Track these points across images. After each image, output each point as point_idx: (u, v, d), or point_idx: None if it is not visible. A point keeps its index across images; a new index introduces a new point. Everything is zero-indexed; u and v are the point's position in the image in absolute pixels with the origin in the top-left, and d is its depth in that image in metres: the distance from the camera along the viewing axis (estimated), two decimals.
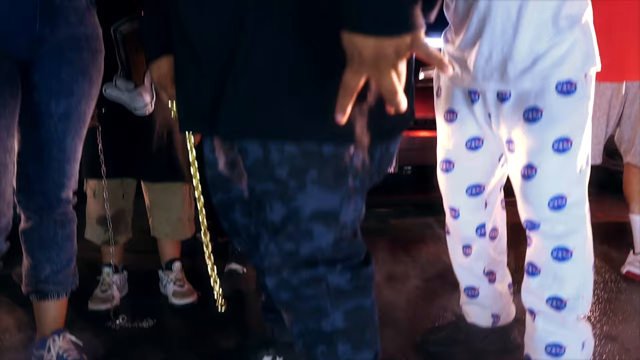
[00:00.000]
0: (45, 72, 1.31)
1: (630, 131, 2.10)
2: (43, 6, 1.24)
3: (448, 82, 1.39)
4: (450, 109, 1.39)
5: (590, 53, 1.25)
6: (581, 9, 1.26)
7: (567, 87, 1.22)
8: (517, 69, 1.23)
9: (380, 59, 0.71)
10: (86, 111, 1.41)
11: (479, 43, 1.27)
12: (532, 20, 1.22)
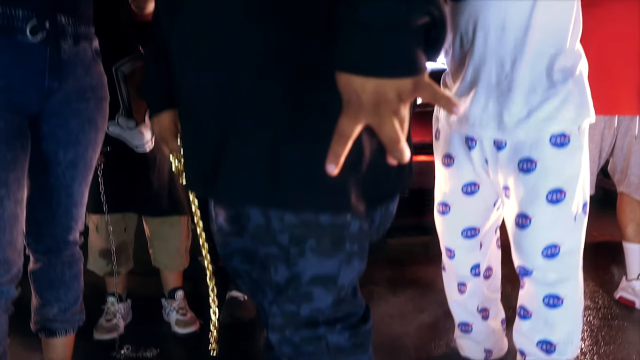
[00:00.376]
0: (53, 123, 1.37)
1: (622, 162, 2.15)
2: (51, 62, 1.29)
3: (446, 126, 1.45)
4: (448, 153, 1.45)
5: (584, 105, 1.31)
6: (575, 61, 1.32)
7: (560, 140, 1.28)
8: (512, 120, 1.29)
9: (380, 103, 0.64)
10: (92, 157, 1.47)
11: (475, 91, 1.33)
12: (526, 72, 1.27)
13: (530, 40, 1.26)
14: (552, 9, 1.26)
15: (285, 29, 0.86)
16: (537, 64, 1.27)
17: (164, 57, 1.07)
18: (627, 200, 2.19)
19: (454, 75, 1.41)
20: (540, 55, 1.27)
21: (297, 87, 0.87)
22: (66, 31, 1.31)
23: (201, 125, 0.99)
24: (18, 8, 1.23)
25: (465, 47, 1.34)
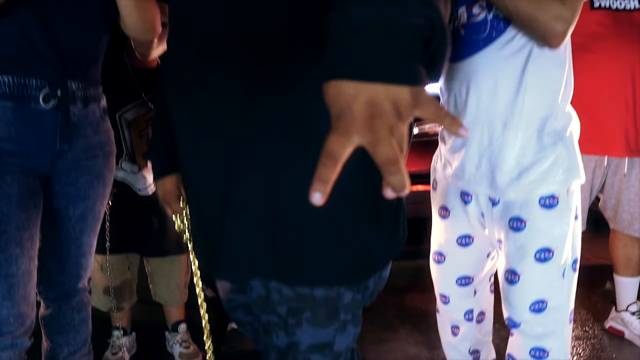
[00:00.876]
0: (64, 181, 1.45)
1: (613, 200, 2.23)
2: (62, 126, 1.37)
3: (443, 179, 1.51)
4: (444, 205, 1.52)
5: (573, 168, 1.36)
6: (566, 123, 1.38)
7: (549, 201, 1.34)
8: (504, 180, 1.35)
9: (375, 116, 0.56)
10: (100, 210, 1.55)
11: (469, 149, 1.39)
12: (517, 134, 1.33)
13: (520, 104, 1.32)
14: (543, 74, 1.33)
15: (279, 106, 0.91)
16: (527, 127, 1.33)
17: (168, 122, 1.13)
18: (620, 237, 2.28)
19: (448, 133, 1.49)
20: (530, 118, 1.33)
21: (291, 167, 0.92)
22: (76, 96, 1.39)
23: (200, 198, 1.07)
24: (32, 77, 1.31)
25: (459, 107, 1.41)
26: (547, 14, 1.23)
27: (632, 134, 2.12)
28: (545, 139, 1.34)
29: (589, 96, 2.07)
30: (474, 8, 1.38)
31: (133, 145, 1.88)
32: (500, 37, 1.34)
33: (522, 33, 1.31)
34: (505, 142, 1.34)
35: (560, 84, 1.36)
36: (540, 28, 1.25)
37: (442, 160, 1.52)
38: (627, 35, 2.09)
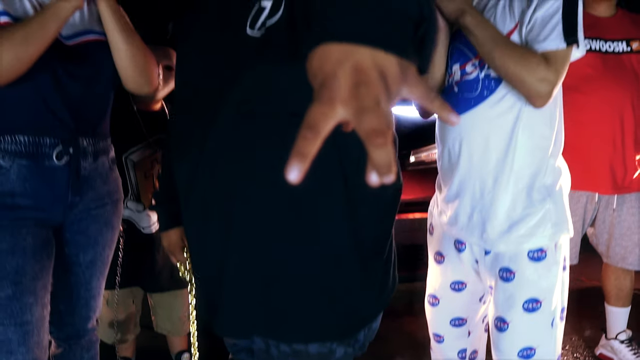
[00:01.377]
0: (75, 230, 1.53)
1: (605, 235, 2.31)
2: (74, 180, 1.45)
3: (439, 224, 1.58)
4: (439, 251, 1.59)
5: (562, 222, 1.43)
6: (555, 178, 1.45)
7: (538, 254, 1.41)
8: (494, 232, 1.42)
9: (361, 84, 0.51)
10: (109, 254, 1.63)
11: (462, 200, 1.47)
12: (507, 189, 1.41)
13: (510, 160, 1.40)
14: (532, 132, 1.41)
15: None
16: (517, 183, 1.41)
17: (173, 179, 1.20)
18: (612, 269, 2.36)
19: (443, 180, 1.56)
20: (520, 174, 1.41)
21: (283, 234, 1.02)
22: (87, 151, 1.47)
23: (199, 258, 1.16)
24: (46, 136, 1.39)
25: (453, 160, 1.49)
26: (533, 76, 1.32)
27: (620, 172, 2.21)
28: (534, 194, 1.42)
29: (579, 135, 2.16)
30: (467, 66, 1.47)
31: (138, 186, 1.96)
32: (491, 96, 1.42)
33: (512, 93, 1.39)
34: (496, 197, 1.42)
35: (549, 142, 1.44)
36: (526, 88, 1.34)
37: (438, 207, 1.60)
38: (616, 77, 2.18)
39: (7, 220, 1.38)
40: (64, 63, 1.40)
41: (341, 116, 0.50)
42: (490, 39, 1.35)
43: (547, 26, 1.35)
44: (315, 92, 0.53)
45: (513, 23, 1.41)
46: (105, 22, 1.43)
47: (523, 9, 1.39)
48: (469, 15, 1.37)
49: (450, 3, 1.39)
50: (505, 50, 1.34)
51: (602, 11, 2.28)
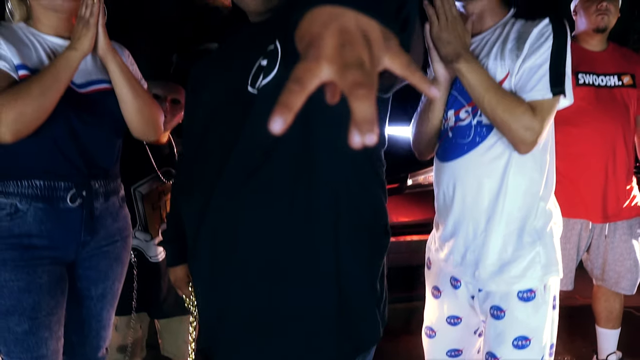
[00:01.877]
0: (87, 266, 1.61)
1: (600, 260, 2.39)
2: (86, 220, 1.53)
3: (436, 260, 1.65)
4: (436, 286, 1.65)
5: (551, 265, 1.49)
6: (546, 221, 1.50)
7: (527, 295, 1.47)
8: (486, 272, 1.49)
9: (345, 44, 0.54)
10: (118, 287, 1.71)
11: (457, 240, 1.54)
12: (499, 231, 1.47)
13: (501, 204, 1.47)
14: (522, 178, 1.47)
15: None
16: (508, 225, 1.47)
17: (180, 220, 1.29)
18: (603, 291, 2.45)
19: (440, 220, 1.63)
20: (511, 217, 1.47)
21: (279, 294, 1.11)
22: (99, 192, 1.56)
23: (199, 297, 1.26)
24: (61, 181, 1.48)
25: (447, 202, 1.56)
26: (518, 123, 1.38)
27: (612, 201, 2.31)
28: (525, 237, 1.48)
29: (573, 166, 2.27)
30: (460, 112, 1.54)
31: (146, 217, 2.03)
32: (483, 143, 1.49)
33: (503, 140, 1.45)
34: (487, 238, 1.49)
35: (539, 186, 1.50)
36: (511, 135, 1.40)
37: (436, 244, 1.67)
38: (608, 110, 2.28)
39: (24, 260, 1.46)
40: (78, 111, 1.48)
41: (326, 75, 0.52)
42: (482, 84, 1.41)
43: (535, 76, 1.42)
44: (303, 52, 0.56)
45: (504, 72, 1.47)
46: (113, 78, 1.52)
47: (513, 58, 1.45)
48: (464, 59, 1.43)
49: (447, 46, 1.44)
50: (495, 96, 1.40)
51: (594, 45, 2.37)
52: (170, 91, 2.08)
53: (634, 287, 2.42)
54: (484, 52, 1.52)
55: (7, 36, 1.44)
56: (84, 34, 1.44)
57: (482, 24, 1.56)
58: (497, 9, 1.55)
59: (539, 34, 1.44)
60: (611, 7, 2.32)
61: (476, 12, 1.55)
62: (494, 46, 1.50)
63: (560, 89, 1.41)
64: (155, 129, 1.62)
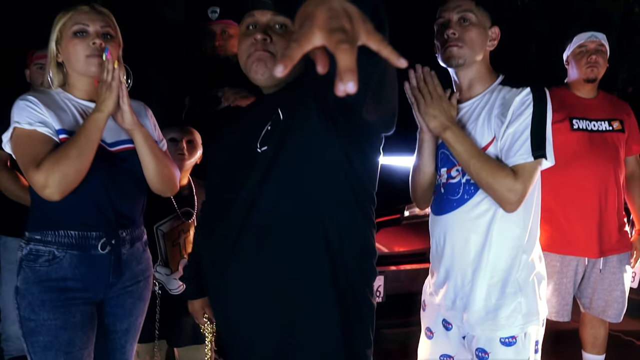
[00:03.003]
0: (113, 304, 1.77)
1: (589, 289, 2.52)
2: (114, 265, 1.70)
3: (430, 303, 1.78)
4: (429, 327, 1.78)
5: (532, 314, 1.62)
6: (528, 273, 1.63)
7: (509, 340, 1.61)
8: (472, 318, 1.62)
9: (332, 17, 0.72)
10: (140, 322, 1.88)
11: (448, 287, 1.68)
12: (484, 282, 1.61)
13: (486, 257, 1.60)
14: (506, 233, 1.60)
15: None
16: (492, 276, 1.61)
17: (201, 263, 1.49)
18: (589, 318, 2.58)
19: (433, 267, 1.77)
20: (495, 269, 1.60)
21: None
22: (125, 240, 1.73)
23: (218, 329, 1.47)
24: (92, 231, 1.65)
25: (439, 252, 1.70)
26: (502, 186, 1.52)
27: (606, 237, 2.44)
28: (508, 288, 1.61)
29: (569, 205, 2.43)
30: (452, 170, 1.69)
31: (167, 253, 2.20)
32: (470, 200, 1.64)
33: (488, 198, 1.59)
34: (473, 287, 1.63)
35: (522, 240, 1.63)
36: (496, 196, 1.55)
37: (430, 288, 1.80)
38: (600, 153, 2.43)
39: (61, 301, 1.63)
40: (109, 169, 1.65)
41: (318, 40, 0.71)
42: (467, 152, 1.56)
43: (518, 142, 1.55)
44: (301, 24, 0.74)
45: (490, 137, 1.61)
46: (137, 147, 1.69)
47: (499, 124, 1.59)
48: (450, 131, 1.58)
49: (434, 120, 1.60)
50: (479, 162, 1.55)
51: (586, 93, 2.53)
52: (185, 134, 2.25)
53: (621, 316, 2.55)
54: (473, 117, 1.66)
55: (48, 103, 1.62)
56: (108, 97, 1.60)
57: (472, 91, 1.70)
58: (485, 77, 1.70)
59: (521, 102, 1.57)
60: (600, 60, 2.47)
61: (466, 80, 1.70)
62: (482, 112, 1.64)
63: (542, 153, 1.54)
64: (172, 187, 1.79)
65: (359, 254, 1.33)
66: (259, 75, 1.34)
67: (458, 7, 1.66)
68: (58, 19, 1.67)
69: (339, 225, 1.28)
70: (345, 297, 1.28)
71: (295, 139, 1.25)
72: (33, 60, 2.66)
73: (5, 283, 2.65)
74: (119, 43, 1.71)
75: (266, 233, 1.29)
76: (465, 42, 1.64)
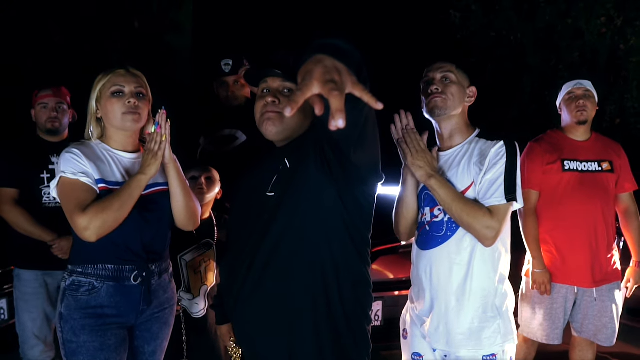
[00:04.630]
0: (142, 329, 1.95)
1: (579, 315, 2.64)
2: (145, 294, 1.88)
3: (412, 331, 1.95)
4: (417, 352, 1.94)
5: (508, 335, 1.81)
6: (503, 301, 1.82)
7: (491, 358, 1.79)
8: (457, 340, 1.80)
9: (326, 73, 0.93)
10: (165, 345, 2.04)
11: (433, 316, 1.85)
12: (467, 308, 1.79)
13: (469, 286, 1.79)
14: (484, 266, 1.79)
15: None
16: (474, 303, 1.79)
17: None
18: (579, 341, 2.70)
19: (416, 296, 1.94)
20: (476, 297, 1.78)
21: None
22: (154, 272, 1.91)
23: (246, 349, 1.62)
24: (127, 265, 1.84)
25: (424, 283, 1.87)
26: (480, 224, 1.72)
27: (597, 270, 2.57)
28: (488, 313, 1.79)
29: (562, 239, 2.58)
30: (435, 210, 1.87)
31: (189, 280, 2.39)
32: (453, 237, 1.82)
33: (469, 235, 1.78)
34: (458, 313, 1.80)
35: (497, 272, 1.82)
36: (476, 233, 1.74)
37: (414, 318, 1.96)
38: (589, 191, 2.57)
39: (98, 326, 1.81)
40: (142, 211, 1.84)
41: (316, 89, 0.91)
42: (449, 196, 1.76)
43: (493, 187, 1.76)
44: (303, 78, 0.95)
45: (470, 182, 1.81)
46: (170, 180, 1.89)
47: (477, 171, 1.79)
48: (434, 179, 1.78)
49: (420, 169, 1.80)
50: (459, 204, 1.74)
51: (579, 135, 2.68)
52: (204, 171, 2.45)
53: (612, 340, 2.64)
54: (454, 164, 1.86)
55: (88, 155, 1.82)
56: (152, 163, 1.81)
57: (452, 141, 1.90)
58: (463, 129, 1.90)
59: (496, 153, 1.78)
60: (588, 104, 2.62)
61: (447, 130, 1.90)
62: (462, 160, 1.84)
63: (513, 197, 1.75)
64: (195, 221, 1.98)
65: (354, 288, 1.50)
66: (269, 131, 1.54)
67: (441, 68, 1.87)
68: (98, 80, 1.88)
69: (336, 263, 1.46)
70: (338, 325, 1.46)
71: (298, 184, 1.45)
72: (38, 100, 2.76)
73: (22, 312, 2.73)
74: (149, 100, 1.91)
75: (268, 267, 1.47)
76: (446, 96, 1.84)
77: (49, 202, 2.70)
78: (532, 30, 6.14)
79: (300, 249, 1.46)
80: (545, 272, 2.59)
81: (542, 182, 2.62)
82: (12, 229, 2.66)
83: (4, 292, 3.10)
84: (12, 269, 2.80)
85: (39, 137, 2.81)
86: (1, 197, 2.65)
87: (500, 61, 6.27)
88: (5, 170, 2.68)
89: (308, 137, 1.49)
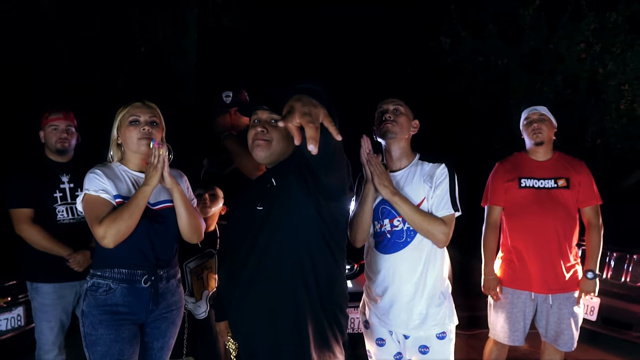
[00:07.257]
0: (152, 326, 2.20)
1: (543, 320, 2.82)
2: (154, 296, 2.14)
3: (375, 321, 2.24)
4: (380, 337, 2.24)
5: (452, 315, 2.18)
6: (447, 289, 2.20)
7: (441, 335, 2.14)
8: (415, 324, 2.12)
9: (304, 106, 1.27)
10: (172, 342, 2.28)
11: (393, 306, 2.15)
12: (422, 297, 2.11)
13: (424, 280, 2.12)
14: (435, 263, 2.14)
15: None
16: (428, 293, 2.12)
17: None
18: (547, 346, 2.86)
19: (377, 292, 2.22)
20: (429, 288, 2.13)
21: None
22: (162, 277, 2.17)
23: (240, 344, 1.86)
24: (138, 269, 2.10)
25: (387, 281, 2.16)
26: (437, 230, 2.05)
27: (551, 278, 2.76)
28: (437, 300, 2.13)
29: (521, 249, 2.81)
30: (394, 221, 2.16)
31: (193, 285, 2.65)
32: (412, 242, 2.13)
33: (425, 240, 2.11)
34: (415, 302, 2.12)
35: (443, 266, 2.16)
36: (434, 237, 2.06)
37: (374, 310, 2.24)
38: (545, 206, 2.78)
39: (113, 321, 2.07)
40: (152, 223, 2.11)
41: (297, 121, 1.25)
42: (411, 210, 2.07)
43: (443, 201, 2.10)
44: (287, 110, 1.28)
45: (422, 196, 2.13)
46: (175, 202, 2.15)
47: (427, 188, 2.13)
48: (398, 196, 2.09)
49: (385, 188, 2.10)
50: (420, 216, 2.07)
51: (539, 156, 2.89)
52: (208, 189, 2.73)
53: (571, 346, 2.79)
54: (407, 182, 2.18)
55: (108, 174, 2.10)
56: (154, 175, 2.06)
57: (401, 163, 2.24)
58: (408, 153, 2.25)
59: (441, 173, 2.14)
60: (543, 127, 2.82)
61: (397, 153, 2.23)
62: (413, 179, 2.17)
63: (457, 208, 2.10)
64: (199, 235, 2.24)
65: (331, 287, 1.76)
66: (259, 155, 1.81)
67: (393, 102, 2.24)
68: (119, 112, 2.17)
69: (315, 267, 1.72)
70: (317, 319, 1.72)
71: (283, 199, 1.72)
72: (48, 122, 2.87)
73: (40, 321, 2.86)
74: (162, 128, 2.19)
75: (257, 272, 1.73)
76: (397, 123, 2.18)
77: (63, 219, 2.85)
78: (518, 55, 6.40)
79: (284, 256, 1.71)
80: (494, 279, 2.83)
81: (504, 198, 2.85)
82: (30, 246, 2.76)
83: (20, 301, 3.30)
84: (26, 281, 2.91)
85: (48, 158, 2.94)
86: (19, 217, 2.77)
87: (488, 85, 6.54)
88: (21, 191, 2.79)
89: (291, 160, 1.76)
